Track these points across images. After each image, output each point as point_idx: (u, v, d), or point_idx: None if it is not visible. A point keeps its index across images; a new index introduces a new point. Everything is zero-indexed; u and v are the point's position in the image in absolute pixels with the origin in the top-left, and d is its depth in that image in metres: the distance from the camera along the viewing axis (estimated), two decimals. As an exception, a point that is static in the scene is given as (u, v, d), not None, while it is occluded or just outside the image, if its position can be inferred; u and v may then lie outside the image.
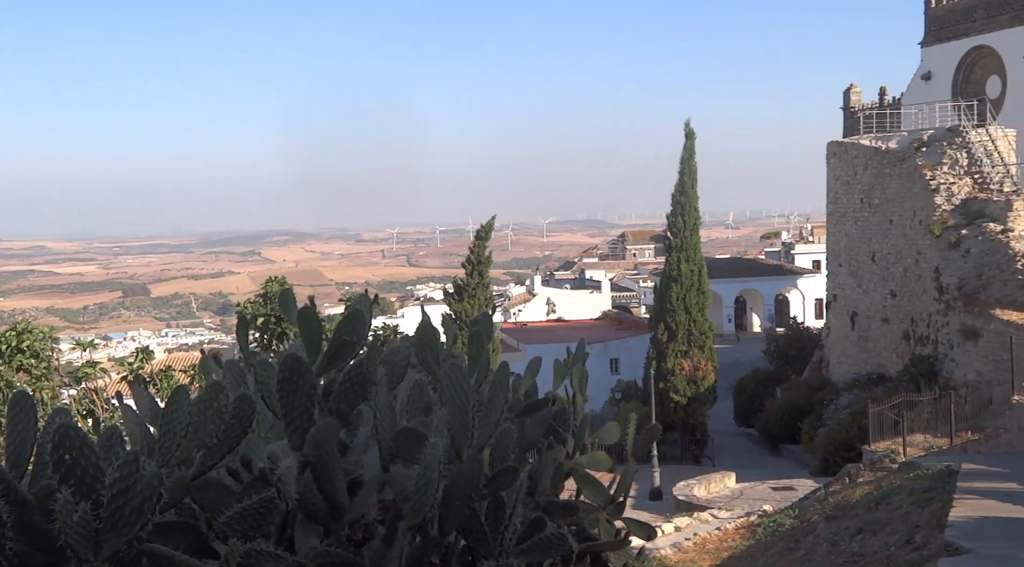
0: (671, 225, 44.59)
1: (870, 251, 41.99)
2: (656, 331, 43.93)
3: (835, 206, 45.45)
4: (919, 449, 24.12)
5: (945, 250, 35.33)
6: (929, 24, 56.29)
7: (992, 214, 34.69)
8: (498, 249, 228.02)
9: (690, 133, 44.39)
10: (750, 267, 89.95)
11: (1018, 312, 29.59)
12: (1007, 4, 50.73)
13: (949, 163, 38.13)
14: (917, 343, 36.80)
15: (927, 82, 56.01)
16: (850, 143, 44.70)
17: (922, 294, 37.09)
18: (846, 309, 44.57)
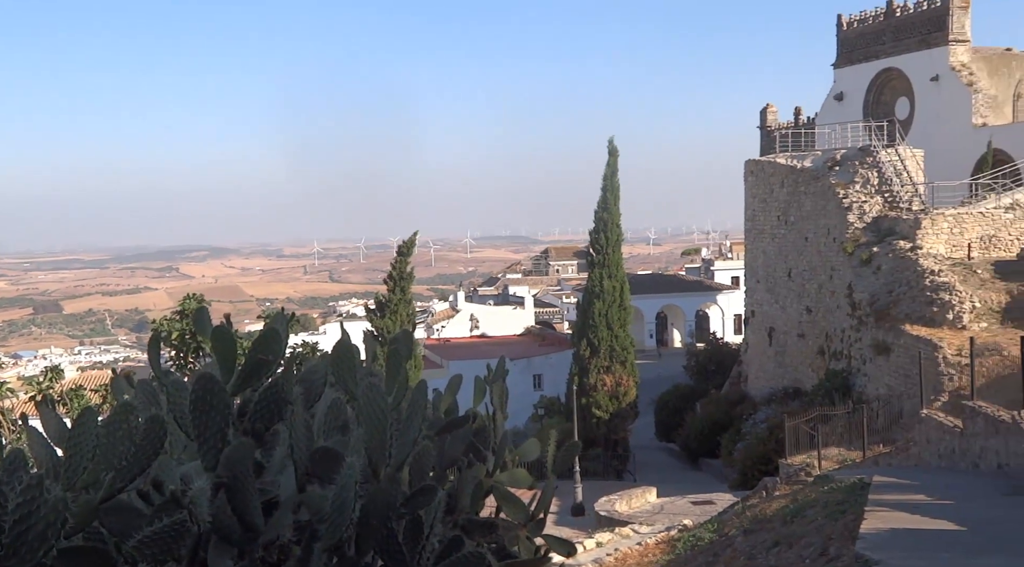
0: (594, 241, 44.97)
1: (787, 267, 42.89)
2: (579, 347, 44.20)
3: (753, 223, 46.35)
4: (833, 462, 24.64)
5: (857, 267, 36.25)
6: (841, 46, 57.88)
7: (902, 232, 35.72)
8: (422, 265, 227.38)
9: (613, 150, 44.87)
10: (671, 283, 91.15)
11: (927, 327, 30.46)
12: (914, 28, 52.44)
13: (861, 182, 39.18)
14: (832, 358, 37.64)
15: (840, 102, 57.54)
16: (767, 161, 45.67)
17: (836, 310, 37.98)
18: (764, 325, 45.41)
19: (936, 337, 29.20)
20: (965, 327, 29.62)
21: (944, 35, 50.44)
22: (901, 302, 32.73)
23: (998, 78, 51.14)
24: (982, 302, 30.70)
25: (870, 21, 55.78)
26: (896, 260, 34.34)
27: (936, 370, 27.33)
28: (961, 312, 30.25)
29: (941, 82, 50.61)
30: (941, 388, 26.37)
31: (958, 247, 34.98)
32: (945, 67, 50.34)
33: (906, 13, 53.23)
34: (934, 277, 31.81)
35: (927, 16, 51.72)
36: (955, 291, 30.78)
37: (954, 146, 47.24)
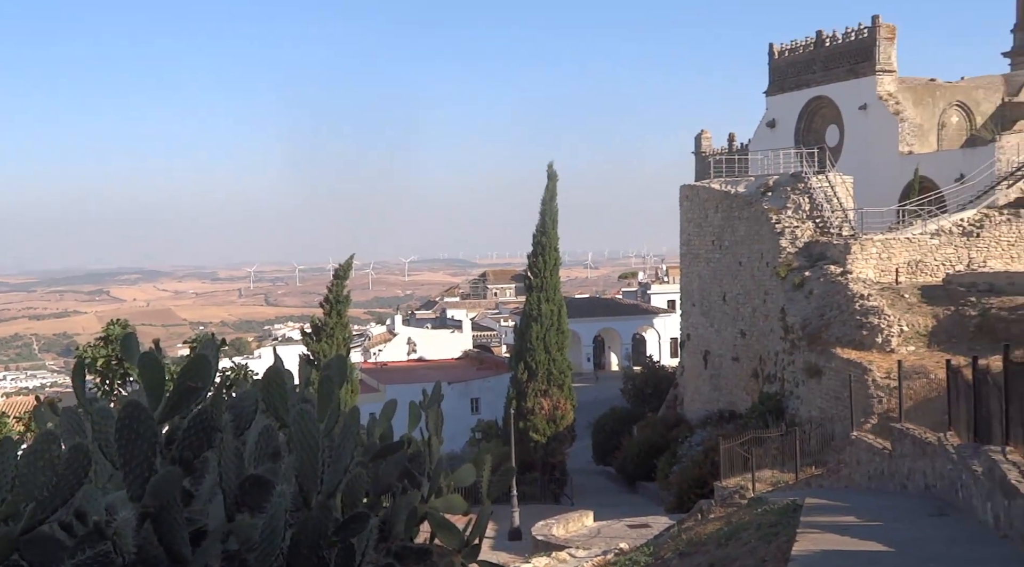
0: (532, 265, 45.16)
1: (721, 291, 43.45)
2: (516, 370, 44.23)
3: (688, 247, 46.92)
4: (767, 484, 24.92)
5: (790, 291, 36.86)
6: (773, 74, 59.06)
7: (832, 257, 36.43)
8: (359, 288, 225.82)
9: (552, 175, 45.18)
10: (608, 307, 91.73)
11: (857, 351, 31.04)
12: (843, 58, 53.73)
13: (793, 208, 39.92)
14: (765, 381, 38.16)
15: (772, 129, 58.65)
16: (702, 187, 46.32)
17: (770, 333, 38.54)
18: (699, 348, 45.89)
19: (866, 360, 29.76)
20: (893, 350, 30.25)
21: (871, 65, 51.76)
22: (832, 326, 33.33)
23: (923, 107, 52.58)
24: (909, 326, 31.40)
25: (801, 50, 57.03)
26: (827, 284, 34.99)
27: (866, 393, 27.85)
28: (889, 336, 30.89)
29: (869, 111, 51.88)
30: (871, 410, 26.87)
31: (886, 272, 35.77)
32: (873, 96, 51.63)
33: (835, 43, 54.53)
34: (863, 301, 32.46)
35: (855, 47, 53.04)
36: (884, 315, 31.44)
37: (882, 173, 48.38)
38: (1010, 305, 30.28)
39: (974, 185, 41.86)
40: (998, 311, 30.09)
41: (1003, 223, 36.95)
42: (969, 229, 36.85)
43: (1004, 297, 31.08)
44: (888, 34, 51.73)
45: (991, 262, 36.16)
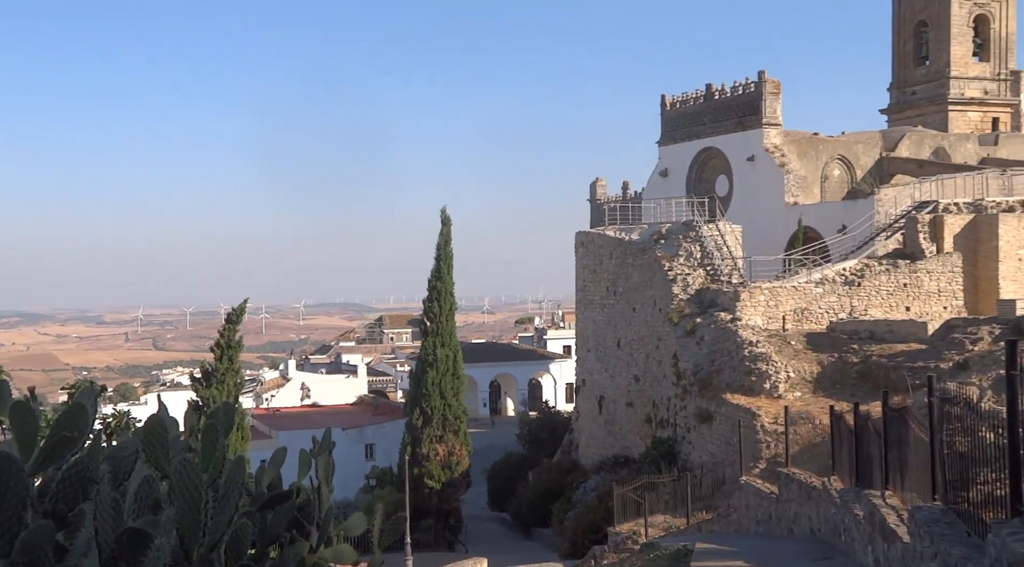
0: (427, 310, 45.05)
1: (616, 337, 44.01)
2: (411, 416, 43.88)
3: (583, 293, 47.48)
4: (660, 529, 25.16)
5: (682, 337, 37.55)
6: (665, 125, 60.59)
7: (723, 304, 37.30)
8: (252, 332, 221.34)
9: (446, 220, 45.30)
10: (505, 352, 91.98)
11: (746, 396, 31.74)
12: (732, 111, 55.49)
13: (685, 255, 40.82)
14: (658, 426, 38.66)
15: (665, 178, 60.03)
16: (596, 233, 47.03)
17: (663, 379, 39.14)
18: (594, 393, 46.29)
19: (755, 406, 30.45)
20: (781, 396, 31.01)
21: (758, 118, 53.56)
22: (723, 371, 34.03)
23: (807, 160, 54.55)
24: (796, 372, 32.28)
25: (691, 102, 58.69)
26: (718, 331, 35.77)
27: (755, 438, 28.46)
28: (777, 382, 31.69)
29: (756, 162, 53.57)
30: (760, 455, 27.45)
31: (774, 319, 36.77)
32: (760, 148, 53.36)
33: (724, 96, 56.29)
34: (752, 348, 33.26)
35: (743, 100, 54.85)
36: (771, 361, 32.26)
37: (769, 222, 49.88)
38: (889, 352, 31.41)
39: (855, 236, 43.47)
40: (878, 358, 31.18)
41: (882, 273, 38.42)
42: (851, 278, 38.21)
43: (884, 344, 32.23)
44: (774, 89, 53.66)
45: (872, 310, 37.51)
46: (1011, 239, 39.45)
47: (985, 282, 39.36)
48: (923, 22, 65.78)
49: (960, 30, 63.90)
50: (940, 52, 64.52)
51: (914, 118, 64.36)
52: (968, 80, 64.36)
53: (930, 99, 64.89)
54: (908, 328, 33.00)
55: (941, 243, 39.99)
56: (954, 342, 29.55)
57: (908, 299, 38.40)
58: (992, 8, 64.51)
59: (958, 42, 63.85)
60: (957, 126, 62.79)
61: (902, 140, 56.70)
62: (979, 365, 26.60)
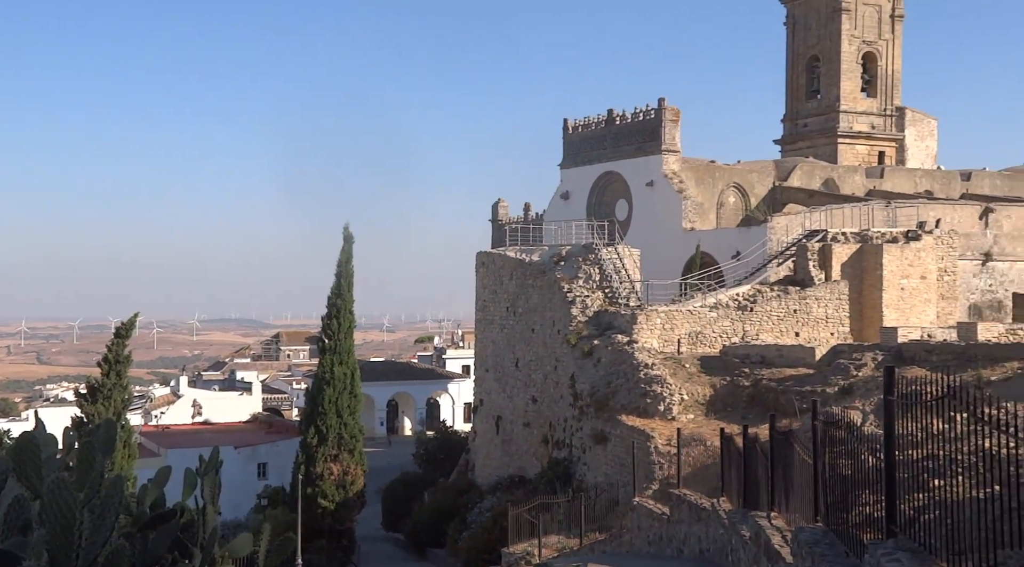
0: (326, 327, 44.55)
1: (514, 357, 44.17)
2: (306, 435, 43.25)
3: (483, 313, 47.56)
4: (553, 550, 25.27)
5: (579, 358, 37.90)
6: (567, 148, 61.30)
7: (620, 326, 37.80)
8: (143, 347, 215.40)
9: (348, 237, 44.96)
10: (403, 371, 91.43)
11: (640, 418, 32.18)
12: (632, 136, 56.47)
13: (584, 277, 41.27)
14: (555, 447, 38.88)
15: (566, 201, 60.66)
16: (497, 254, 47.23)
17: (560, 400, 39.41)
18: (492, 413, 46.33)
19: (648, 427, 30.88)
20: (674, 418, 31.53)
21: (658, 145, 54.62)
22: (619, 393, 34.45)
23: (704, 187, 55.81)
24: (689, 394, 32.88)
25: (593, 127, 59.53)
26: (615, 353, 36.21)
27: (648, 459, 28.85)
28: (671, 404, 32.21)
29: (655, 187, 54.57)
30: (653, 476, 27.83)
31: (669, 342, 37.41)
32: (659, 174, 54.39)
33: (625, 122, 57.26)
34: (648, 370, 33.76)
35: (643, 126, 55.88)
36: (666, 384, 32.79)
37: (667, 247, 50.79)
38: (779, 376, 32.25)
39: (748, 262, 44.59)
40: (768, 382, 31.97)
41: (774, 299, 39.48)
42: (744, 303, 39.15)
43: (774, 369, 33.08)
44: (673, 116, 54.81)
45: (763, 335, 38.48)
46: (894, 268, 41.00)
47: (870, 309, 40.79)
48: (815, 57, 68.12)
49: (850, 66, 66.35)
50: (831, 87, 66.87)
51: (806, 149, 66.49)
52: (857, 114, 66.83)
53: (821, 131, 67.13)
54: (797, 353, 33.94)
55: (829, 271, 41.31)
56: (840, 367, 30.49)
57: (798, 325, 39.53)
58: (879, 46, 67.19)
59: (848, 78, 66.29)
60: (846, 158, 65.10)
61: (794, 170, 58.48)
62: (863, 390, 27.50)
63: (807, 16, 68.63)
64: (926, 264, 41.94)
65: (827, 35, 67.10)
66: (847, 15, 66.16)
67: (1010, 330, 33.27)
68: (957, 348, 28.87)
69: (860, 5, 66.72)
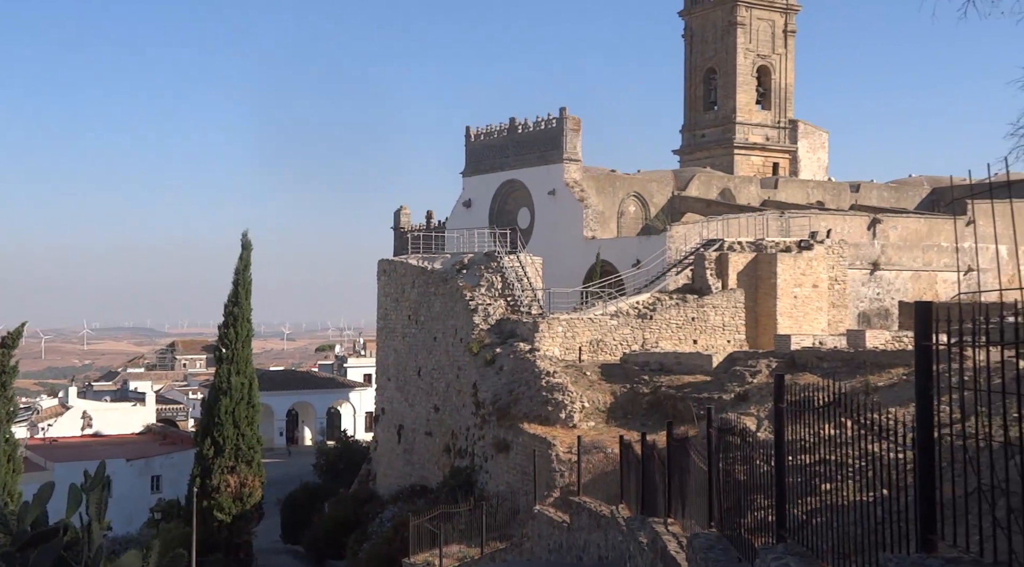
0: (223, 336, 43.71)
1: (416, 366, 43.97)
2: (202, 446, 42.30)
3: (385, 321, 47.23)
4: (454, 559, 25.22)
5: (482, 367, 37.93)
6: (469, 156, 61.41)
7: (522, 334, 37.96)
8: (30, 357, 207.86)
9: (246, 244, 44.23)
10: (303, 380, 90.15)
11: (542, 426, 32.33)
12: (534, 145, 56.88)
13: (486, 286, 41.35)
14: (457, 455, 38.81)
15: (468, 209, 60.73)
16: (399, 262, 46.99)
17: (462, 408, 39.37)
18: (393, 422, 46.02)
19: (550, 435, 31.05)
20: (576, 426, 31.77)
21: (559, 153, 55.12)
22: (521, 401, 34.56)
23: (605, 196, 56.52)
24: (591, 402, 33.17)
25: (495, 135, 59.77)
26: (517, 361, 36.34)
27: (549, 467, 29.00)
28: (572, 411, 32.45)
29: (557, 196, 55.04)
30: (554, 484, 27.98)
31: (571, 350, 37.72)
32: (560, 183, 54.87)
33: (527, 130, 57.65)
34: (549, 378, 33.97)
35: (545, 135, 56.33)
36: (567, 391, 33.03)
37: (568, 255, 51.26)
38: (678, 383, 32.79)
39: (648, 271, 45.28)
40: (667, 389, 32.49)
41: (672, 307, 40.16)
42: (644, 311, 39.73)
43: (673, 376, 33.62)
44: (574, 126, 55.39)
45: (662, 343, 39.10)
46: (788, 277, 42.12)
47: (765, 317, 41.81)
48: (712, 69, 69.69)
49: (745, 79, 68.07)
50: (727, 99, 68.49)
51: (704, 160, 67.92)
52: (752, 126, 68.58)
53: (718, 142, 68.68)
54: (695, 360, 34.57)
55: (726, 279, 42.22)
56: (736, 374, 31.16)
57: (696, 332, 40.28)
58: (773, 60, 69.11)
59: (743, 90, 68.00)
60: (742, 169, 66.71)
61: (692, 180, 59.66)
62: (757, 397, 28.14)
63: (704, 29, 70.19)
64: (818, 273, 43.19)
65: (723, 48, 68.74)
66: (742, 29, 67.88)
67: (896, 337, 34.46)
68: (847, 355, 29.78)
69: (755, 20, 68.55)
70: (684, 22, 71.57)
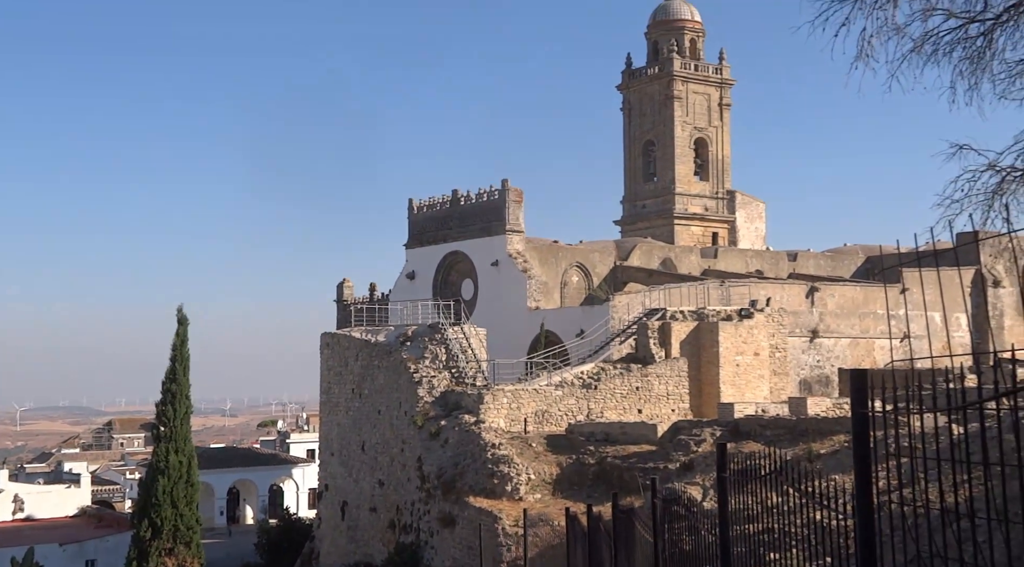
0: (161, 414, 42.84)
1: (360, 440, 43.35)
2: (139, 528, 41.13)
3: (328, 395, 46.64)
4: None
5: (427, 440, 37.52)
6: (412, 228, 61.56)
7: (467, 406, 37.71)
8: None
9: (183, 319, 43.63)
10: (245, 456, 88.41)
11: (488, 499, 31.98)
12: (477, 217, 57.24)
13: (430, 357, 41.11)
14: (402, 531, 38.13)
15: (412, 281, 60.65)
16: (342, 335, 46.59)
17: (407, 483, 38.79)
18: (337, 498, 45.17)
19: (496, 508, 30.71)
20: (522, 498, 31.47)
21: (502, 225, 55.50)
22: (466, 474, 34.19)
23: (548, 266, 56.88)
24: (537, 474, 32.93)
25: (438, 207, 60.07)
26: (462, 433, 36.02)
27: (496, 541, 28.63)
28: (518, 484, 32.17)
29: (500, 267, 55.26)
30: (500, 559, 27.62)
31: (516, 421, 37.51)
32: (503, 254, 55.15)
33: (469, 202, 58.04)
34: (495, 450, 33.69)
35: (487, 206, 56.75)
36: (513, 463, 32.77)
37: (512, 326, 51.28)
38: (624, 453, 32.71)
39: (592, 340, 45.42)
40: (613, 460, 32.38)
41: (617, 376, 40.24)
42: (588, 382, 39.74)
43: (619, 446, 33.55)
44: (516, 197, 55.92)
45: (607, 412, 39.06)
46: (730, 345, 42.52)
47: (708, 385, 42.05)
48: (651, 141, 71.09)
49: (683, 151, 69.53)
50: (666, 170, 69.79)
51: (644, 230, 68.83)
52: (691, 197, 69.83)
53: (658, 213, 69.75)
54: (640, 430, 34.57)
55: (669, 348, 42.49)
56: (681, 443, 31.19)
57: (640, 402, 40.35)
58: (710, 133, 70.74)
59: (681, 162, 69.39)
60: (682, 239, 67.68)
61: (634, 250, 60.34)
62: (702, 466, 28.15)
63: (642, 103, 71.72)
64: (759, 341, 43.68)
65: (661, 121, 70.25)
66: (679, 102, 69.50)
67: (836, 404, 34.85)
68: (789, 423, 30.01)
69: (691, 94, 70.25)
70: (622, 95, 73.08)
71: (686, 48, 71.71)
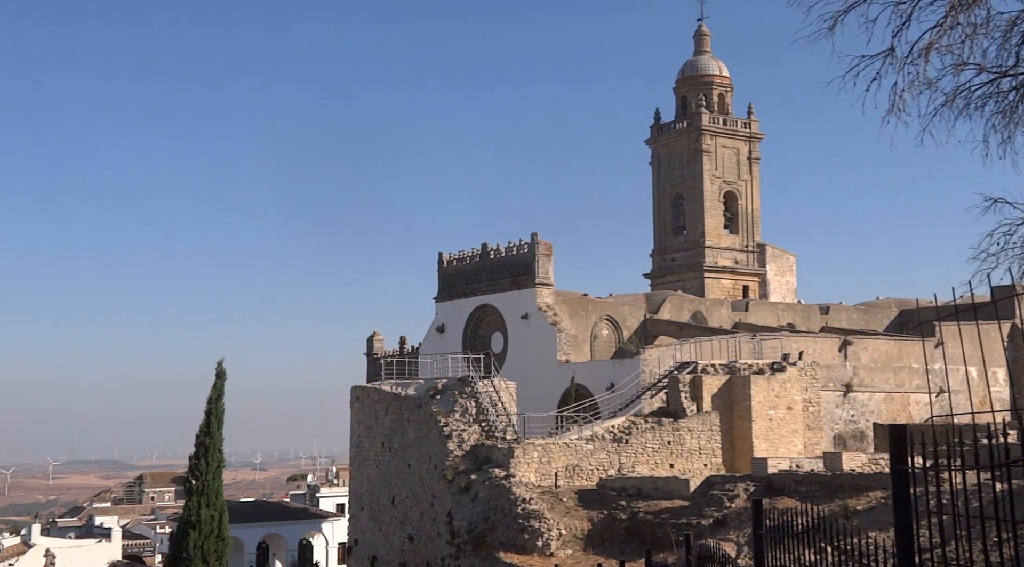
0: (193, 467, 42.96)
1: (390, 494, 43.17)
2: (169, 583, 41.02)
3: (358, 449, 46.55)
4: None
5: (456, 494, 37.30)
6: (442, 282, 61.79)
7: (497, 460, 37.51)
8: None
9: (221, 373, 43.96)
10: (275, 511, 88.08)
11: (519, 554, 31.68)
12: (506, 270, 57.40)
13: (460, 411, 41.01)
14: (432, 587, 37.77)
15: (441, 334, 60.73)
16: (372, 388, 46.63)
17: (437, 537, 38.52)
18: (367, 554, 44.87)
19: (527, 564, 30.41)
20: (553, 554, 31.15)
21: (532, 278, 55.61)
22: (497, 529, 33.92)
23: (577, 319, 56.82)
24: (568, 529, 32.60)
25: (468, 261, 60.33)
26: (492, 488, 35.79)
27: (527, 597, 28.28)
28: (549, 539, 31.85)
29: (530, 320, 55.25)
30: (532, 615, 27.25)
31: (547, 475, 37.24)
32: (533, 307, 55.17)
33: (499, 256, 58.26)
34: (525, 505, 33.43)
35: (517, 260, 56.93)
36: (544, 519, 32.48)
37: (542, 379, 51.11)
38: (655, 509, 32.35)
39: (622, 394, 45.18)
40: (645, 515, 32.02)
41: (648, 430, 39.93)
42: (619, 436, 39.46)
43: (651, 501, 33.19)
44: (546, 250, 56.08)
45: (639, 467, 38.71)
46: (762, 399, 42.13)
47: (740, 440, 41.61)
48: (680, 195, 71.24)
49: (712, 204, 69.58)
50: (696, 223, 69.81)
51: (674, 283, 68.69)
52: (721, 250, 69.72)
53: (688, 266, 69.64)
54: (672, 485, 34.20)
55: (701, 402, 42.15)
56: (714, 499, 30.81)
57: (672, 456, 39.96)
58: (739, 186, 70.82)
59: (711, 215, 69.42)
60: (712, 292, 67.46)
61: (664, 303, 60.18)
62: (736, 521, 27.78)
63: (671, 157, 72.03)
64: (792, 395, 43.24)
65: (690, 175, 70.46)
66: (708, 156, 69.74)
67: (872, 459, 34.36)
68: (824, 478, 29.61)
69: (719, 148, 70.50)
70: (651, 150, 73.44)
71: (714, 103, 72.12)
